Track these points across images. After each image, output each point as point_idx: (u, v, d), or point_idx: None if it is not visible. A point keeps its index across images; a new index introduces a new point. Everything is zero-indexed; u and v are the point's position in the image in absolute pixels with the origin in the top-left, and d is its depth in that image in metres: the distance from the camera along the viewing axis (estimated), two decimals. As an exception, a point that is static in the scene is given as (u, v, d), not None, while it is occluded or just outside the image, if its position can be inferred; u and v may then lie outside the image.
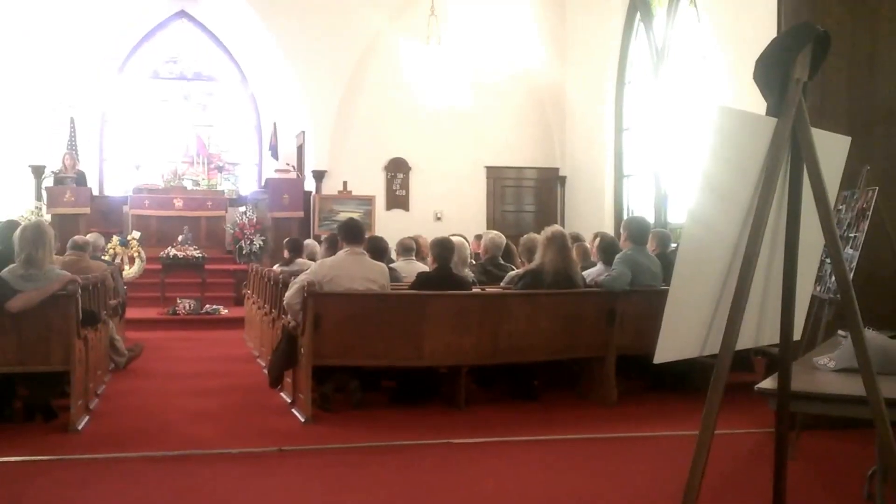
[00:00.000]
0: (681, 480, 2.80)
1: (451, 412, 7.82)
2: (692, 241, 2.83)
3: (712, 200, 2.82)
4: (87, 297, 7.76)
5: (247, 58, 20.86)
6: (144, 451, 6.36)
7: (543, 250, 8.38)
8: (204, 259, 17.04)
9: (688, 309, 2.83)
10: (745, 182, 2.83)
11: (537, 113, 20.14)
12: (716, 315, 2.88)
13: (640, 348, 8.18)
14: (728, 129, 2.76)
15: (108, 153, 20.68)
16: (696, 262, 2.82)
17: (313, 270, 7.89)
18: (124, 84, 20.53)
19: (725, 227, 2.85)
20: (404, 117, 19.45)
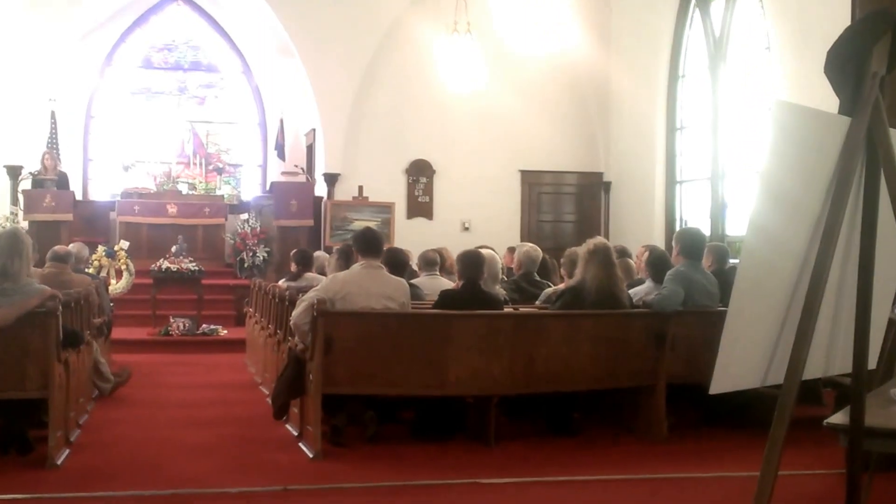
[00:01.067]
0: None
1: (478, 448, 7.82)
2: (754, 255, 2.83)
3: (776, 210, 2.82)
4: (68, 314, 7.79)
5: (251, 46, 21.00)
6: (132, 490, 6.37)
7: (585, 265, 8.37)
8: (201, 273, 17.02)
9: (748, 333, 2.83)
10: (813, 189, 2.83)
11: (579, 110, 20.11)
12: (780, 340, 2.88)
13: (693, 377, 8.15)
14: (795, 129, 2.76)
15: (94, 152, 20.84)
16: (758, 279, 2.82)
17: (324, 286, 7.90)
18: (112, 75, 20.68)
19: (791, 240, 2.85)
20: (428, 115, 19.41)
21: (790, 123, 2.76)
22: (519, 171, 20.12)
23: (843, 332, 3.10)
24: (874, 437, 3.12)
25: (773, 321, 2.87)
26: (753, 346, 2.85)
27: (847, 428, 3.09)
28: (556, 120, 20.02)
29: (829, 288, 2.83)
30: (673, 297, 8.22)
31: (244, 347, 14.04)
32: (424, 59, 19.13)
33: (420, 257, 10.42)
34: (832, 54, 2.76)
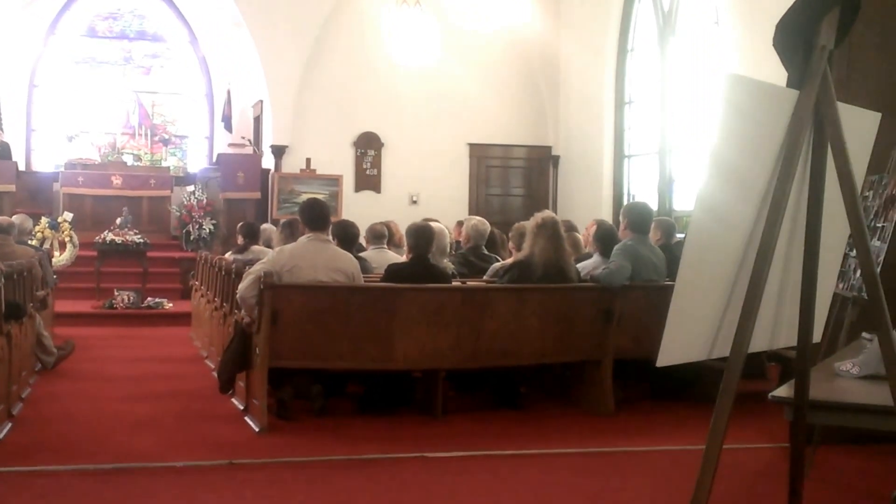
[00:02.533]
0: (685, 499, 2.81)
1: (426, 422, 7.83)
2: (701, 230, 2.84)
3: (724, 184, 2.83)
4: (11, 287, 7.72)
5: (198, 16, 20.79)
6: (75, 464, 6.32)
7: (532, 239, 8.38)
8: (146, 245, 16.97)
9: (695, 307, 2.84)
10: (761, 163, 2.84)
11: (528, 84, 20.13)
12: (726, 314, 2.90)
13: (640, 351, 8.24)
14: (742, 102, 2.77)
15: (37, 122, 20.57)
16: (705, 253, 2.83)
17: (271, 259, 7.86)
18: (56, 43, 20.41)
19: (738, 215, 2.86)
20: (377, 87, 19.39)
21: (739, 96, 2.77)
22: (467, 145, 20.14)
23: (789, 306, 3.12)
24: (818, 410, 3.15)
25: (719, 295, 2.88)
26: (700, 319, 2.86)
27: (791, 401, 3.12)
28: (505, 94, 20.05)
29: (776, 262, 2.84)
30: (621, 272, 8.26)
31: (190, 321, 13.97)
32: (374, 32, 19.14)
33: (368, 230, 10.40)
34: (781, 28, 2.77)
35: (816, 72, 2.76)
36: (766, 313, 2.98)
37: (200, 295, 12.66)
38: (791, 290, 3.09)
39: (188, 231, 18.11)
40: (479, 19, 19.33)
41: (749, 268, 2.81)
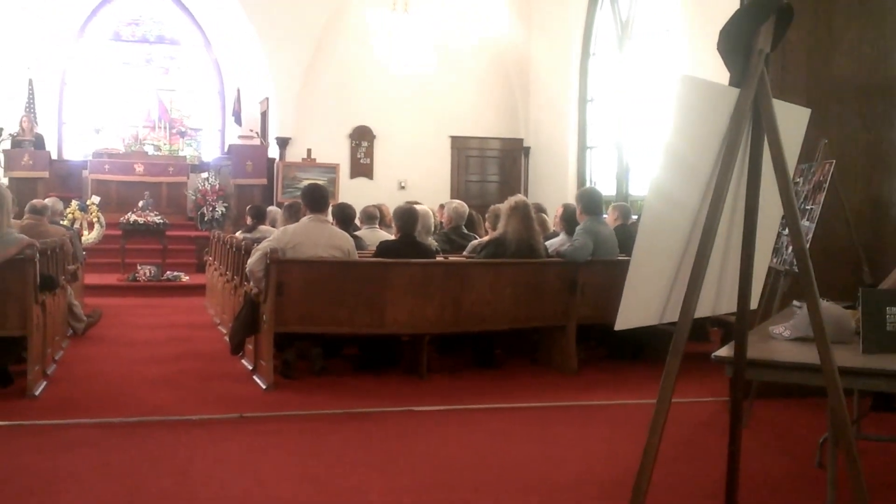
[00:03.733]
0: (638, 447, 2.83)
1: (412, 380, 7.85)
2: (653, 212, 2.85)
3: (673, 172, 2.84)
4: (45, 261, 7.68)
5: (210, 21, 20.61)
6: (103, 418, 6.33)
7: (506, 220, 8.40)
8: (165, 225, 16.88)
9: (648, 278, 2.85)
10: (706, 153, 2.85)
11: (502, 83, 20.07)
12: (675, 284, 2.91)
13: (599, 317, 8.28)
14: (691, 100, 2.78)
15: (68, 116, 20.38)
16: (658, 232, 2.84)
17: (276, 237, 7.86)
18: (84, 46, 20.23)
19: (686, 199, 2.87)
20: (370, 85, 19.31)
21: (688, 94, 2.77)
22: (449, 137, 20.08)
23: (730, 277, 3.13)
24: (755, 367, 3.17)
25: (669, 267, 2.89)
26: (653, 288, 2.87)
27: (731, 360, 3.14)
28: (482, 92, 19.99)
29: (718, 239, 2.85)
30: (584, 249, 8.29)
31: (204, 292, 13.94)
32: (368, 37, 19.00)
33: (361, 212, 10.38)
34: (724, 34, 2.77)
35: (755, 72, 2.76)
36: (710, 283, 3.00)
37: (213, 269, 12.63)
38: (732, 263, 3.10)
39: (202, 213, 18.05)
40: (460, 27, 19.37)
41: (695, 244, 2.82)
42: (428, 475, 5.07)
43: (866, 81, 7.31)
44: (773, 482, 4.98)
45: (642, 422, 3.82)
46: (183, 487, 4.77)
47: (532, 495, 4.71)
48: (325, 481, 4.96)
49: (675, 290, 2.92)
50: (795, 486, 4.94)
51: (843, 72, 7.28)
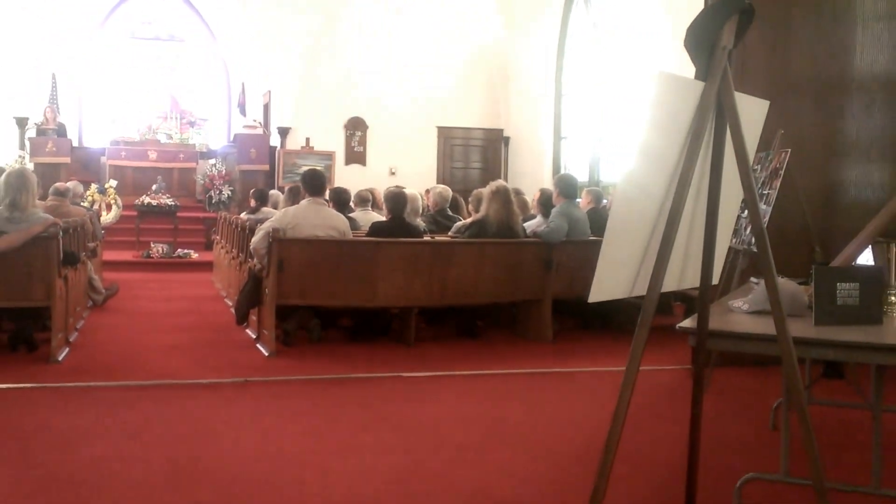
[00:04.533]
0: (608, 409, 2.82)
1: (401, 348, 7.84)
2: (625, 196, 2.83)
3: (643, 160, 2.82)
4: (67, 239, 7.65)
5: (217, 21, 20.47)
6: (120, 381, 6.31)
7: (488, 203, 8.40)
8: (176, 207, 16.88)
9: (620, 255, 2.83)
10: (673, 141, 2.82)
11: (485, 79, 20.04)
12: (644, 261, 2.89)
13: (573, 292, 8.28)
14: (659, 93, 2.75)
15: (87, 107, 20.24)
16: (628, 214, 2.82)
17: (278, 218, 7.83)
18: (103, 43, 20.05)
19: (654, 183, 2.85)
20: (364, 80, 19.32)
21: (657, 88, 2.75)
22: (436, 127, 20.06)
23: (694, 255, 3.12)
24: (715, 337, 3.16)
25: (638, 246, 2.87)
26: (623, 265, 2.86)
27: (694, 331, 3.12)
28: (467, 86, 19.97)
29: (683, 220, 2.84)
30: (559, 230, 8.28)
31: (211, 268, 13.90)
32: (362, 34, 19.06)
33: (355, 195, 10.34)
34: (690, 31, 2.75)
35: (719, 67, 2.74)
36: (676, 261, 2.98)
37: (220, 247, 12.59)
38: (695, 242, 3.09)
39: (210, 196, 18.00)
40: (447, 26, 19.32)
41: (662, 225, 2.80)
42: (415, 434, 5.07)
43: (820, 77, 7.33)
44: (731, 443, 4.99)
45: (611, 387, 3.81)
46: (194, 443, 4.76)
47: (510, 453, 4.71)
48: (322, 438, 4.95)
49: (643, 266, 2.90)
50: (751, 447, 4.95)
51: (799, 68, 7.30)
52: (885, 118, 7.31)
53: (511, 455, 4.69)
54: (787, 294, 3.16)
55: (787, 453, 3.87)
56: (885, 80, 7.30)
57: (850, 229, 4.86)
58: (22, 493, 3.91)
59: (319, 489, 4.06)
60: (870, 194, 7.27)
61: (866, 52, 7.28)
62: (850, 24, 7.32)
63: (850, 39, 7.32)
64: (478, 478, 4.27)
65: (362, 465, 4.44)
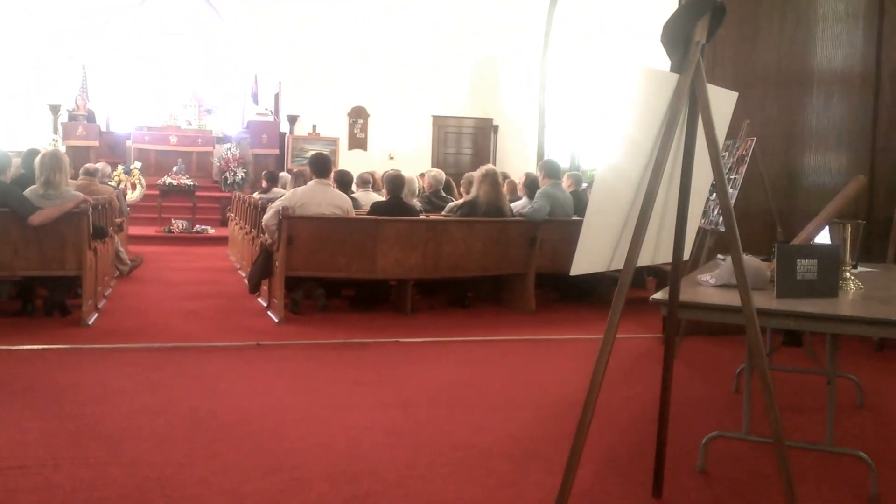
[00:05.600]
0: (586, 373, 2.81)
1: (398, 317, 7.84)
2: (604, 179, 2.81)
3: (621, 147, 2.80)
4: (96, 214, 7.66)
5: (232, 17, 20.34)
6: (144, 343, 6.31)
7: (478, 185, 8.39)
8: (195, 187, 16.88)
9: (599, 232, 2.82)
10: (648, 129, 2.80)
11: (477, 72, 19.99)
12: (621, 238, 2.88)
13: (554, 267, 8.28)
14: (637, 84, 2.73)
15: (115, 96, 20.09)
16: (607, 196, 2.80)
17: (287, 197, 7.81)
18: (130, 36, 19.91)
19: (631, 168, 2.83)
20: (365, 72, 19.29)
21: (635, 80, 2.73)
22: (431, 116, 20.03)
23: (666, 233, 3.10)
24: (685, 308, 3.14)
25: (616, 224, 2.86)
26: (602, 241, 2.84)
27: (666, 302, 3.11)
28: (460, 78, 19.95)
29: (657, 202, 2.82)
30: (542, 210, 8.27)
31: (226, 242, 13.90)
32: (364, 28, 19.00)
33: (357, 177, 10.29)
34: (666, 27, 2.72)
35: (692, 60, 2.71)
36: (650, 237, 2.97)
37: (234, 223, 12.58)
38: (668, 221, 3.07)
39: (226, 177, 17.96)
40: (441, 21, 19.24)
41: (639, 205, 2.79)
42: (411, 393, 5.06)
43: (784, 71, 7.32)
44: (698, 404, 5.00)
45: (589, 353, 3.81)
46: (211, 400, 4.75)
47: (497, 411, 4.71)
48: (326, 395, 4.95)
49: (620, 242, 2.88)
50: (716, 407, 4.96)
51: (764, 63, 7.29)
52: (841, 110, 7.34)
53: (496, 412, 4.69)
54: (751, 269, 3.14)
55: (749, 414, 3.88)
56: (842, 75, 7.31)
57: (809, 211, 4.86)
58: (56, 443, 3.91)
59: (324, 440, 4.05)
60: (827, 179, 7.30)
61: (826, 49, 7.28)
62: (812, 23, 7.32)
63: (811, 37, 7.32)
64: (466, 432, 4.27)
65: (362, 419, 4.44)
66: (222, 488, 3.40)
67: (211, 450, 3.87)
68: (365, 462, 3.76)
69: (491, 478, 3.62)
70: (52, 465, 3.59)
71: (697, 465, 3.78)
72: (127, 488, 3.36)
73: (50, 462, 3.63)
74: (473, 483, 3.55)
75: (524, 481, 3.59)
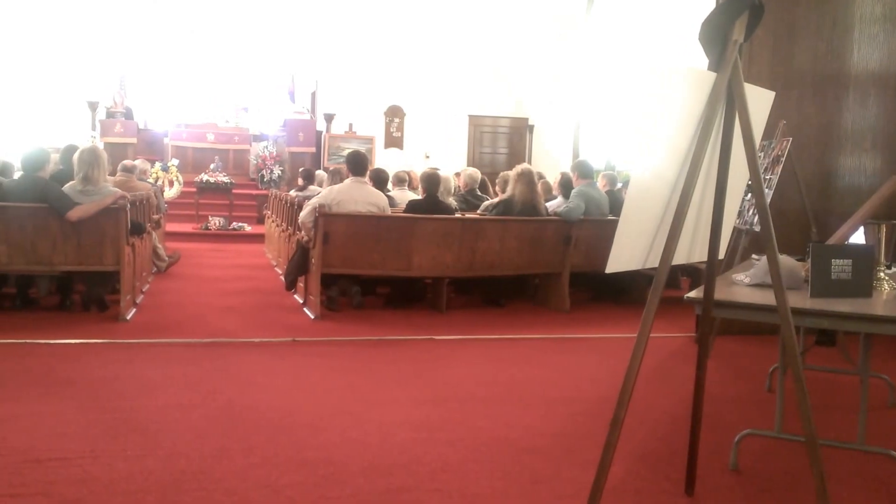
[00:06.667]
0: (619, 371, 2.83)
1: (433, 314, 7.88)
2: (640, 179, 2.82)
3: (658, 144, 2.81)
4: (134, 211, 7.72)
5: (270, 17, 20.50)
6: (181, 338, 6.40)
7: (514, 184, 8.40)
8: (232, 184, 17.01)
9: (635, 230, 2.83)
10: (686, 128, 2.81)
11: (513, 73, 19.95)
12: (657, 236, 2.89)
13: (589, 266, 8.29)
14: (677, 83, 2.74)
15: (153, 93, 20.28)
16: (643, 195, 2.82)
17: (324, 195, 7.86)
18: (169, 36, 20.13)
19: (667, 167, 2.84)
20: (402, 71, 19.33)
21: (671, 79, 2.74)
22: (467, 116, 20.05)
23: (702, 232, 3.11)
24: (720, 307, 3.15)
25: (652, 223, 2.87)
26: (639, 239, 2.85)
27: (700, 300, 3.12)
28: (496, 79, 19.90)
29: (693, 201, 2.83)
30: (577, 210, 8.27)
31: (263, 239, 14.01)
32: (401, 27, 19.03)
33: (393, 176, 10.32)
34: (704, 25, 2.73)
35: (730, 59, 2.72)
36: (685, 236, 2.98)
37: (271, 220, 12.68)
38: (704, 220, 3.08)
39: (262, 174, 18.10)
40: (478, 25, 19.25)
41: (674, 204, 2.80)
42: (444, 390, 5.10)
43: (820, 72, 7.28)
44: (731, 402, 4.99)
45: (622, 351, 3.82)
46: (247, 394, 4.81)
47: (530, 407, 4.74)
48: (361, 392, 4.99)
49: (656, 241, 2.90)
50: (749, 406, 4.94)
51: (800, 63, 7.26)
52: (877, 111, 7.29)
53: (530, 408, 4.71)
54: (785, 268, 3.15)
55: (782, 412, 3.87)
56: (878, 76, 7.26)
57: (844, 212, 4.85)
58: (94, 436, 3.98)
59: (358, 435, 4.10)
60: (862, 181, 7.25)
61: (862, 50, 7.23)
62: (849, 24, 7.27)
63: (847, 38, 7.27)
64: (500, 427, 4.30)
65: (396, 415, 4.48)
66: (258, 482, 3.45)
67: (247, 443, 3.93)
68: (399, 456, 3.81)
69: (524, 473, 3.65)
70: (91, 458, 3.66)
71: (730, 462, 3.79)
72: (164, 481, 3.42)
73: (88, 454, 3.71)
74: (506, 478, 3.58)
75: (557, 477, 3.62)
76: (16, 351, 5.77)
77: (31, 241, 6.77)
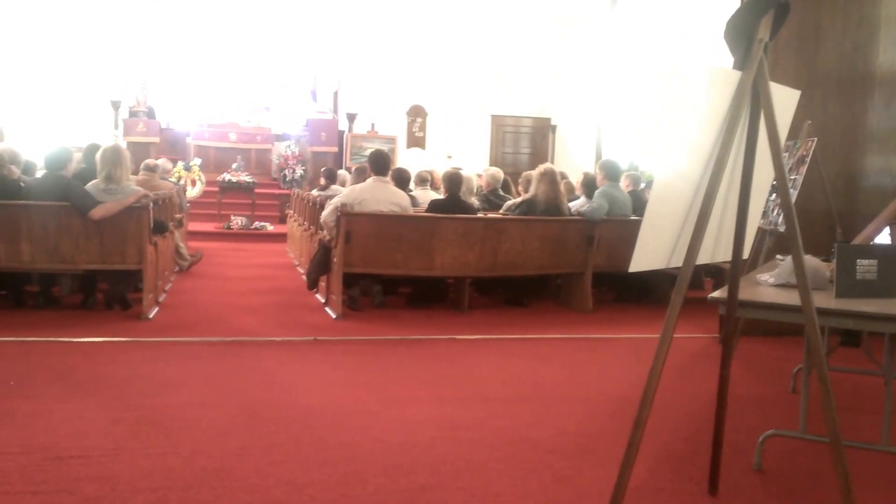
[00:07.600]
0: (642, 372, 2.83)
1: (455, 314, 7.89)
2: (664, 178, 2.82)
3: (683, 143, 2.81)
4: (157, 209, 7.79)
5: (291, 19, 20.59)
6: (203, 337, 6.44)
7: (536, 184, 8.39)
8: (254, 184, 17.07)
9: (659, 230, 2.83)
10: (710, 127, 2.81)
11: (535, 74, 19.93)
12: (681, 235, 2.89)
13: (611, 266, 8.28)
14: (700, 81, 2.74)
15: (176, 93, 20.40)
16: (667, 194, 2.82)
17: (346, 194, 7.88)
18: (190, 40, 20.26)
19: (690, 169, 2.84)
20: (424, 71, 19.36)
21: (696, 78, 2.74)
22: (490, 115, 20.05)
23: (726, 232, 3.11)
24: (744, 307, 3.15)
25: (676, 222, 2.87)
26: (662, 238, 2.86)
27: (725, 300, 3.12)
28: (518, 79, 19.90)
29: (718, 200, 2.83)
30: (600, 210, 8.26)
31: (285, 239, 14.07)
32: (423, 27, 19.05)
33: (416, 176, 10.35)
34: (730, 24, 2.73)
35: (755, 58, 2.72)
36: (709, 235, 2.98)
37: (293, 220, 12.73)
38: (728, 219, 3.08)
39: (284, 174, 18.16)
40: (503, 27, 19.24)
41: (699, 203, 2.80)
42: (466, 389, 5.11)
43: (846, 72, 7.26)
44: (754, 402, 4.97)
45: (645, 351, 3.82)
46: (269, 393, 4.84)
47: (552, 407, 4.74)
48: (383, 391, 5.01)
49: (680, 240, 2.90)
50: (773, 406, 4.93)
51: (826, 63, 7.23)
52: (904, 112, 7.24)
53: (552, 408, 4.71)
54: (810, 268, 3.14)
55: (806, 413, 3.86)
56: (904, 77, 7.21)
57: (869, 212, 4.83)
58: (117, 433, 4.02)
59: (380, 434, 4.12)
60: (888, 181, 7.21)
61: (889, 50, 7.19)
62: (874, 24, 7.24)
63: (873, 38, 7.24)
64: (522, 427, 4.30)
65: (418, 414, 4.50)
66: (280, 479, 3.48)
67: (268, 441, 3.96)
68: (421, 455, 3.82)
69: (546, 472, 3.66)
70: (113, 455, 3.70)
71: (754, 463, 3.78)
72: (185, 479, 3.45)
73: (111, 452, 3.74)
74: (528, 477, 3.59)
75: (579, 476, 3.62)
76: (38, 349, 5.83)
77: (53, 240, 6.83)
